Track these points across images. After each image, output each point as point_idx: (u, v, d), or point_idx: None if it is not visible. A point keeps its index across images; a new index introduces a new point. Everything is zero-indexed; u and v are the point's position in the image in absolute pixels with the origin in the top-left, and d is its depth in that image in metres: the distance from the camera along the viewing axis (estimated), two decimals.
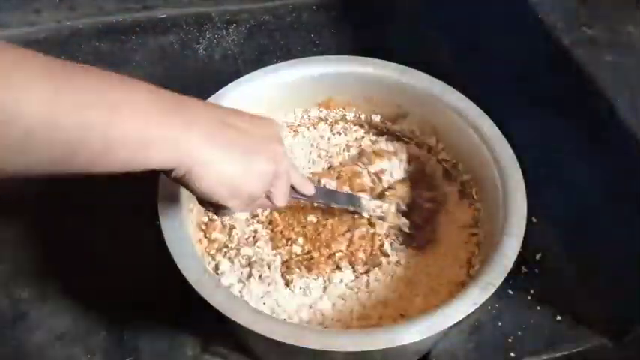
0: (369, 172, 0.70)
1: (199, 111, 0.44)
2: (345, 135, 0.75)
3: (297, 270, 0.62)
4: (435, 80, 0.68)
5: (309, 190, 0.58)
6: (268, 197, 0.50)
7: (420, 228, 0.67)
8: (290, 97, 0.71)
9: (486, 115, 0.65)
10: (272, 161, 0.47)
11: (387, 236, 0.65)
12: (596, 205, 0.67)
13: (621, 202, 0.64)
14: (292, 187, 0.55)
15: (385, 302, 0.61)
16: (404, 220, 0.66)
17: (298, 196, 0.58)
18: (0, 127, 0.32)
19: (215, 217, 0.66)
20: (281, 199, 0.52)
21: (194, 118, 0.42)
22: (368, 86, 0.71)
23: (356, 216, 0.66)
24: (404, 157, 0.72)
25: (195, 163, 0.42)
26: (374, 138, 0.74)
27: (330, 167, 0.72)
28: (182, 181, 0.43)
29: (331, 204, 0.64)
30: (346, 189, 0.68)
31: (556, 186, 0.71)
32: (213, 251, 0.64)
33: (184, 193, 0.60)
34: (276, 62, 0.69)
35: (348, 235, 0.64)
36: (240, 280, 0.62)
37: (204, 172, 0.42)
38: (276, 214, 0.66)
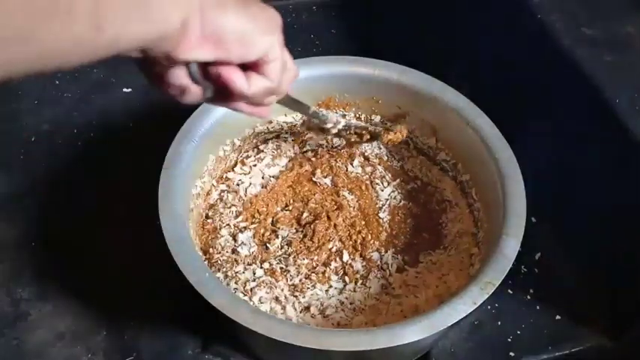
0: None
1: None
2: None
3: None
4: (435, 80, 0.68)
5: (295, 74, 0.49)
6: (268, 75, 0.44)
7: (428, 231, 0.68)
8: None
9: (486, 115, 0.65)
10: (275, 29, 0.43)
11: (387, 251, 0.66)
12: (596, 205, 0.67)
13: (621, 202, 0.64)
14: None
15: (387, 304, 0.61)
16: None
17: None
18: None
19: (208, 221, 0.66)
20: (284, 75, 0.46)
21: None
22: (368, 86, 0.71)
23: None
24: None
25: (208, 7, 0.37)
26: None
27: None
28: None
29: (297, 110, 0.63)
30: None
31: (556, 186, 0.71)
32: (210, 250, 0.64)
33: (184, 193, 0.60)
34: None
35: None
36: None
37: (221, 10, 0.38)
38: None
